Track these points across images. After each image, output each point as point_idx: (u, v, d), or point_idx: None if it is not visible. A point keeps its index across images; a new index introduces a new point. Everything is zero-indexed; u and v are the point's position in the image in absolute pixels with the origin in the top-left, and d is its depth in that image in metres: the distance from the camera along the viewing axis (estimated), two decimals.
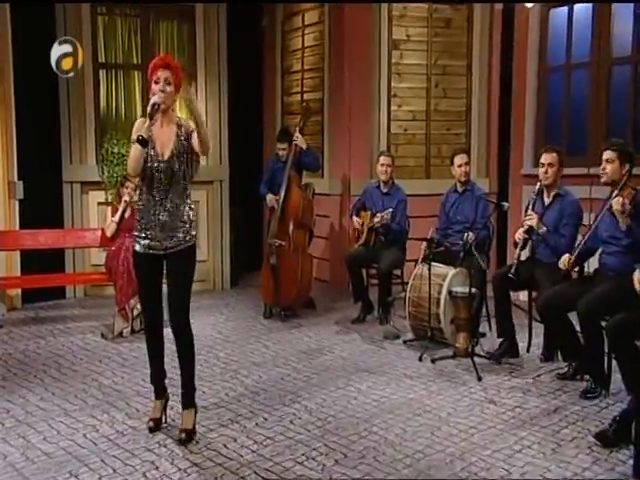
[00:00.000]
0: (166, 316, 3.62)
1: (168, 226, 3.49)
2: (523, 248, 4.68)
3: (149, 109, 3.36)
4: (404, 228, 5.99)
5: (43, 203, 6.49)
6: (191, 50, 7.27)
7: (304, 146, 6.29)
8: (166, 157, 3.49)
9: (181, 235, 3.51)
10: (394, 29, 7.28)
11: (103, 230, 5.95)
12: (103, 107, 7.15)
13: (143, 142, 3.36)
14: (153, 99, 3.39)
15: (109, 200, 6.76)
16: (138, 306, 5.49)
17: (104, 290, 6.91)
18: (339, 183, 7.33)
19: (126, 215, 5.79)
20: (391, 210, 5.72)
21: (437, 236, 5.44)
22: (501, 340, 4.88)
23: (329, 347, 5.28)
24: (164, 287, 3.62)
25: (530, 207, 4.72)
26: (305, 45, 7.85)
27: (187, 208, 3.54)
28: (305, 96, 7.84)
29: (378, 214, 5.76)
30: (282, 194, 6.20)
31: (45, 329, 5.81)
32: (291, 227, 6.15)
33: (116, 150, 6.88)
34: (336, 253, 7.31)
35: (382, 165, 5.98)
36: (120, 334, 5.50)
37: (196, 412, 3.68)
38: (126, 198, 5.75)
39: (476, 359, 4.61)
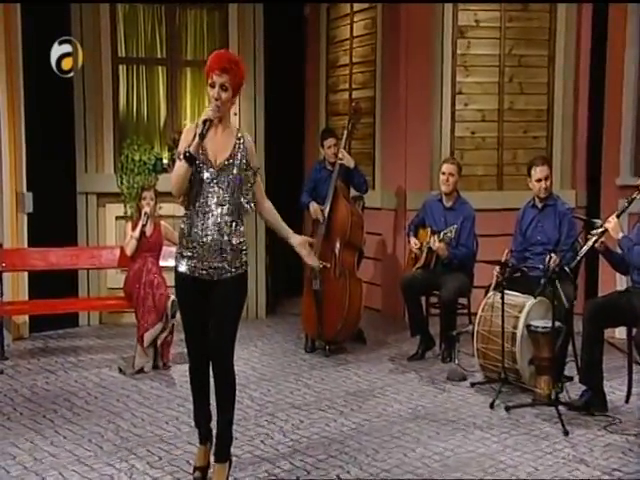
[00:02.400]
0: None
1: (215, 246, 3.53)
2: (592, 248, 4.60)
3: (199, 125, 3.42)
4: (471, 249, 5.93)
5: (54, 217, 6.62)
6: (223, 41, 7.35)
7: (351, 165, 6.30)
8: (218, 164, 3.53)
9: (230, 259, 3.56)
10: (460, 13, 7.26)
11: (122, 248, 6.04)
12: (123, 108, 7.30)
13: (190, 159, 3.39)
14: (205, 114, 3.45)
15: (129, 214, 6.88)
16: (161, 336, 5.56)
17: (122, 318, 7.00)
18: (393, 196, 7.32)
19: (147, 231, 5.86)
20: (455, 227, 5.67)
21: (512, 259, 5.36)
22: (584, 388, 4.75)
23: (382, 388, 5.24)
24: None
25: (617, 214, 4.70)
26: (354, 34, 7.89)
27: (239, 229, 3.58)
28: (354, 94, 7.87)
29: (441, 233, 5.72)
30: (327, 208, 6.21)
31: (55, 362, 5.89)
32: (337, 246, 6.15)
33: (137, 157, 6.99)
34: (390, 277, 7.28)
35: (444, 174, 5.93)
36: (141, 369, 5.55)
37: (230, 466, 3.69)
38: (146, 210, 5.84)
39: (561, 408, 4.51)
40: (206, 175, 3.51)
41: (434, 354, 5.96)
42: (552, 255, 4.89)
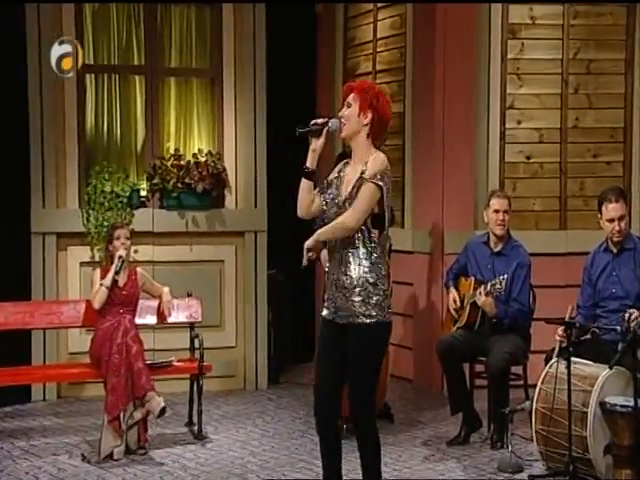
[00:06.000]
0: None
1: (342, 288, 4.05)
2: None
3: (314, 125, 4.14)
4: (527, 305, 5.90)
5: (2, 264, 6.64)
6: (216, 45, 7.43)
7: None
8: (343, 198, 4.08)
9: (357, 305, 4.02)
10: (511, 8, 7.30)
11: (88, 302, 6.02)
12: (90, 127, 7.36)
13: (309, 174, 4.08)
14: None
15: (97, 259, 6.88)
16: (135, 415, 5.53)
17: (85, 390, 6.97)
18: (427, 236, 7.32)
19: (120, 281, 5.86)
20: (505, 277, 5.63)
21: (579, 317, 5.33)
22: None
23: None
24: None
25: None
26: (378, 36, 7.96)
27: (366, 271, 4.03)
28: None
29: (488, 284, 5.68)
30: None
31: (1, 448, 5.82)
32: None
33: (108, 188, 7.01)
34: (424, 339, 7.24)
35: (497, 212, 5.91)
36: (110, 455, 5.50)
37: None
38: (121, 253, 5.83)
39: None
40: (332, 210, 4.09)
41: (481, 437, 5.91)
42: (632, 312, 4.85)
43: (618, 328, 4.90)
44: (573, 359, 4.89)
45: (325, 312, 4.15)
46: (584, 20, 7.34)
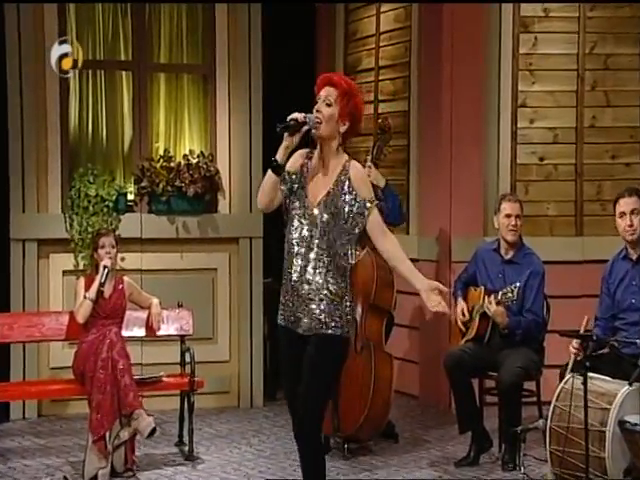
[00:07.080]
0: None
1: (303, 296, 4.02)
2: None
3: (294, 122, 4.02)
4: (540, 316, 5.91)
5: None
6: (209, 40, 7.44)
7: (381, 184, 6.31)
8: (316, 202, 4.05)
9: (319, 312, 4.01)
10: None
11: (72, 314, 6.01)
12: (74, 127, 7.35)
13: (276, 167, 4.04)
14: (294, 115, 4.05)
15: (81, 267, 6.87)
16: (122, 434, 5.51)
17: (68, 408, 6.96)
18: (434, 243, 7.33)
19: (106, 291, 5.85)
20: (517, 286, 5.63)
21: (597, 330, 5.34)
22: None
23: None
24: None
25: None
26: (382, 30, 7.98)
27: (333, 283, 4.02)
28: (381, 107, 7.94)
29: (499, 294, 5.68)
30: None
31: None
32: (359, 311, 6.14)
33: (93, 192, 6.99)
34: (430, 352, 7.25)
35: (508, 217, 5.91)
36: (94, 478, 5.46)
37: None
38: (106, 262, 5.83)
39: None
40: (298, 211, 4.07)
41: (491, 458, 5.91)
42: None
43: (638, 342, 4.90)
44: (590, 374, 4.86)
45: (281, 319, 4.11)
46: (601, 12, 7.34)
